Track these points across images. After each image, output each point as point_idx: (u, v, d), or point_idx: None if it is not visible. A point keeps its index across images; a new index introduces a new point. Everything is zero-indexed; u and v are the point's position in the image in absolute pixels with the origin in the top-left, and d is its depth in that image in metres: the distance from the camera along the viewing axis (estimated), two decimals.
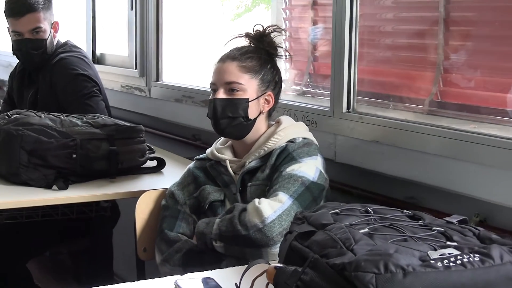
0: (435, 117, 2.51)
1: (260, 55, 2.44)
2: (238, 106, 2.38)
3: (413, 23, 2.71)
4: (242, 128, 2.41)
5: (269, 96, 2.44)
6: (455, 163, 2.27)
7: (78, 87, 3.46)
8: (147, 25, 4.03)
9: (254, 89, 2.40)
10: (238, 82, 2.38)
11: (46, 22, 3.52)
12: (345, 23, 2.61)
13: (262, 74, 2.42)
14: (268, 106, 2.45)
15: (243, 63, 2.40)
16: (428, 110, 2.58)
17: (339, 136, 2.68)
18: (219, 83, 2.41)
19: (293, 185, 2.25)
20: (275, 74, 2.47)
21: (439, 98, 2.57)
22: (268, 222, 2.16)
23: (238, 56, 2.42)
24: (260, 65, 2.42)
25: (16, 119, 2.84)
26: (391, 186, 2.53)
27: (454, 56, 2.51)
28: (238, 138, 2.46)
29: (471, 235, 1.59)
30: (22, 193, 2.70)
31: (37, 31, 3.50)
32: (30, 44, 3.51)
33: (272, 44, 2.49)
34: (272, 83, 2.45)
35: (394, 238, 1.54)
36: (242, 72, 2.39)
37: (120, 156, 2.89)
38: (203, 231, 2.29)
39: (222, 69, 2.42)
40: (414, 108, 2.63)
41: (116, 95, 4.37)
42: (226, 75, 2.39)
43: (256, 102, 2.41)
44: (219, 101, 2.39)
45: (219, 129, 2.43)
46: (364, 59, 2.79)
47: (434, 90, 2.57)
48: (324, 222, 1.63)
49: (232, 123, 2.40)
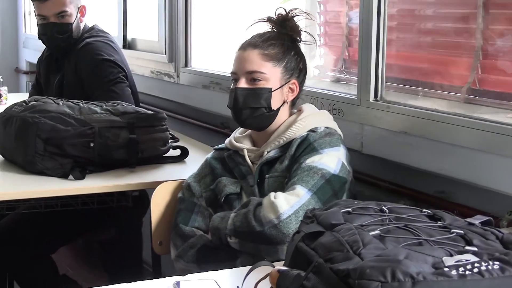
0: (473, 106, 2.38)
1: (283, 41, 2.30)
2: (260, 96, 2.26)
3: (450, 6, 2.57)
4: (265, 119, 2.29)
5: (293, 84, 2.31)
6: (488, 157, 2.14)
7: (103, 72, 3.37)
8: (176, 9, 3.94)
9: (277, 78, 2.28)
10: (260, 71, 2.26)
11: (72, 6, 3.44)
12: (372, 6, 2.46)
13: (285, 62, 2.29)
14: (293, 95, 2.33)
15: (265, 50, 2.27)
16: (465, 98, 2.44)
17: (366, 126, 2.55)
18: (240, 72, 2.29)
19: (312, 178, 2.12)
20: (299, 60, 2.33)
21: (477, 85, 2.43)
22: (284, 218, 2.04)
23: (260, 43, 2.29)
24: (283, 52, 2.29)
25: (33, 106, 2.76)
26: (420, 180, 2.40)
27: (494, 41, 2.37)
28: (260, 130, 2.34)
29: (493, 238, 1.45)
30: (37, 183, 2.63)
31: (62, 15, 3.42)
32: (56, 28, 3.43)
33: (296, 29, 2.35)
34: (296, 71, 2.32)
35: (408, 242, 1.41)
36: (265, 60, 2.26)
37: (140, 145, 2.79)
38: (218, 226, 2.19)
39: (243, 57, 2.29)
40: (450, 96, 2.48)
41: (146, 81, 4.29)
42: (248, 64, 2.27)
43: (279, 91, 2.28)
44: (241, 91, 2.27)
45: (240, 120, 2.31)
46: (396, 44, 2.67)
47: (472, 77, 2.42)
48: (333, 222, 1.51)
49: (254, 114, 2.27)
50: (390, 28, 2.59)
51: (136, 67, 4.31)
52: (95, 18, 3.65)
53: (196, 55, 3.98)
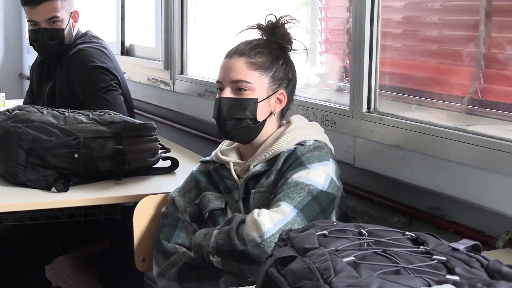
0: (475, 117, 2.29)
1: (272, 49, 2.19)
2: (245, 107, 2.15)
3: (450, 13, 2.48)
4: (250, 131, 2.18)
5: (281, 94, 2.20)
6: (485, 174, 2.04)
7: (95, 80, 3.28)
8: (172, 15, 3.85)
9: (264, 88, 2.17)
10: (246, 81, 2.15)
11: (64, 11, 3.35)
12: (365, 13, 2.36)
13: (273, 71, 2.17)
14: (280, 106, 2.21)
15: (252, 59, 2.16)
16: (467, 109, 2.34)
17: (358, 139, 2.45)
18: (225, 81, 2.18)
19: (298, 194, 2.01)
20: (288, 70, 2.22)
21: (479, 96, 2.33)
22: (267, 237, 1.93)
23: (247, 51, 2.18)
24: (271, 61, 2.17)
25: (16, 115, 2.67)
26: (415, 196, 2.31)
27: (497, 50, 2.27)
28: (245, 142, 2.23)
29: (478, 266, 1.35)
30: (20, 195, 2.55)
31: (53, 21, 3.33)
32: (47, 34, 3.34)
33: (286, 37, 2.23)
34: (284, 81, 2.20)
35: (384, 269, 1.31)
36: (251, 69, 2.15)
37: (127, 156, 2.70)
38: (200, 243, 2.08)
39: (228, 65, 2.18)
40: (451, 107, 2.38)
41: (143, 88, 4.22)
42: (233, 73, 2.16)
43: (266, 102, 2.17)
44: (225, 101, 2.16)
45: (224, 131, 2.20)
46: (393, 52, 2.58)
47: (474, 87, 2.32)
48: (306, 246, 1.41)
49: (238, 126, 2.17)
50: (388, 35, 2.49)
51: (133, 74, 4.24)
52: (93, 23, 3.57)
53: (192, 62, 3.90)
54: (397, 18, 2.64)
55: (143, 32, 4.51)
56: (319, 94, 2.98)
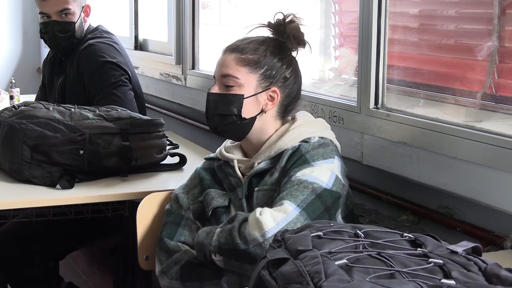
0: (488, 113, 2.23)
1: (267, 47, 2.15)
2: (230, 103, 2.12)
3: (463, 6, 2.43)
4: (237, 128, 2.15)
5: (273, 92, 2.14)
6: (493, 173, 2.00)
7: (105, 75, 3.25)
8: (183, 10, 3.81)
9: (251, 85, 2.12)
10: (233, 76, 2.12)
11: (76, 4, 3.33)
12: (372, 6, 2.31)
13: (264, 69, 2.13)
14: (273, 104, 2.15)
15: (242, 55, 2.13)
16: (481, 104, 2.29)
17: (366, 135, 2.41)
18: (217, 76, 2.17)
19: (302, 192, 1.96)
20: (285, 68, 2.16)
21: (493, 91, 2.27)
22: (269, 236, 1.88)
23: (240, 47, 2.15)
24: (263, 58, 2.13)
25: (21, 111, 2.65)
26: (423, 194, 2.27)
27: (511, 44, 2.21)
28: (237, 139, 2.22)
29: (476, 270, 1.30)
30: (26, 191, 2.53)
31: (65, 13, 3.32)
32: (57, 26, 3.33)
33: (289, 35, 2.17)
34: (278, 79, 2.15)
35: (378, 273, 1.27)
36: (240, 65, 2.12)
37: (134, 152, 2.67)
38: (203, 241, 2.05)
39: (221, 60, 2.17)
40: (465, 102, 2.33)
41: (155, 83, 4.20)
42: (223, 68, 2.14)
43: (253, 99, 2.13)
44: (212, 96, 2.15)
45: (211, 127, 2.20)
46: (404, 46, 2.53)
47: (488, 82, 2.26)
48: (299, 248, 1.37)
49: (223, 122, 2.14)
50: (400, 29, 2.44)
51: (146, 69, 4.21)
52: (106, 18, 3.54)
53: (204, 57, 3.86)
54: (414, 12, 2.59)
55: (156, 27, 4.48)
56: (333, 89, 2.93)
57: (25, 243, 2.96)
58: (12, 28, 7.15)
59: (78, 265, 4.49)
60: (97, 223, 3.05)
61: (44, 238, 3.01)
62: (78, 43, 3.38)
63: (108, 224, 3.14)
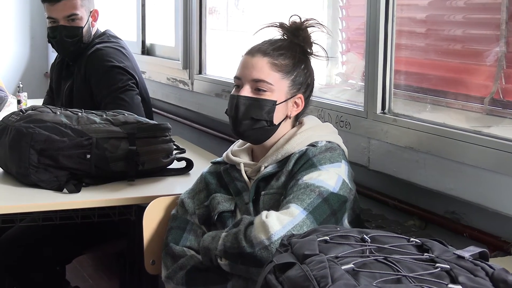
0: (496, 118, 2.23)
1: (295, 52, 2.14)
2: (263, 108, 2.10)
3: (471, 11, 2.42)
4: (264, 133, 2.14)
5: (299, 99, 2.15)
6: (501, 179, 1.99)
7: (112, 80, 3.25)
8: (190, 15, 3.82)
9: (283, 91, 2.12)
10: (267, 81, 2.10)
11: (84, 9, 3.34)
12: (379, 11, 2.31)
13: (294, 75, 2.13)
14: (297, 110, 2.17)
15: (276, 60, 2.11)
16: (488, 109, 2.28)
17: (373, 140, 2.40)
18: (245, 79, 2.13)
19: (308, 196, 1.96)
20: (308, 75, 2.17)
21: (501, 96, 2.26)
22: (276, 239, 1.88)
23: (271, 51, 2.12)
24: (293, 64, 2.13)
25: (29, 115, 2.65)
26: (430, 199, 2.26)
27: None
28: (257, 143, 2.19)
29: (483, 275, 1.30)
30: (33, 195, 2.53)
31: (73, 18, 3.32)
32: (65, 31, 3.33)
33: (308, 40, 2.17)
34: (304, 85, 2.16)
35: (384, 277, 1.27)
36: (273, 70, 2.10)
37: (141, 157, 2.67)
38: (208, 246, 2.04)
39: (250, 63, 2.13)
40: (472, 108, 2.32)
41: (162, 88, 4.21)
42: (255, 71, 2.11)
43: (283, 105, 2.13)
44: (243, 100, 2.11)
45: (238, 131, 2.16)
46: (411, 51, 2.53)
47: (495, 88, 2.25)
48: (306, 253, 1.37)
49: (253, 126, 2.12)
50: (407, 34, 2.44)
51: (153, 74, 4.22)
52: (113, 23, 3.55)
53: (211, 61, 3.86)
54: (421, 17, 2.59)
55: (163, 31, 4.49)
56: (340, 94, 2.93)
57: (32, 247, 2.96)
58: (20, 32, 7.16)
59: (84, 269, 4.49)
60: (104, 228, 3.05)
61: (51, 243, 3.01)
62: (86, 47, 3.38)
63: (114, 229, 3.14)
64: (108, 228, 3.12)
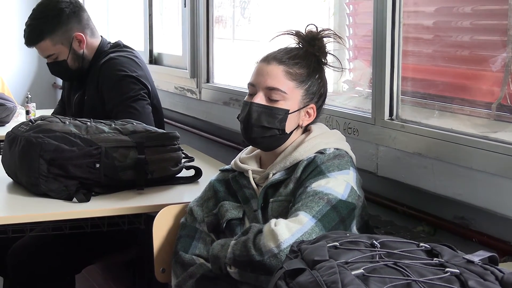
0: (503, 124, 2.22)
1: (310, 62, 2.14)
2: (276, 117, 2.11)
3: (478, 18, 2.42)
4: (275, 141, 2.15)
5: (311, 109, 2.17)
6: (509, 184, 1.99)
7: (124, 89, 3.25)
8: (197, 23, 3.84)
9: (296, 100, 2.13)
10: (281, 90, 2.10)
11: (59, 45, 3.34)
12: (386, 18, 2.32)
13: (308, 85, 2.14)
14: (308, 120, 2.18)
15: (291, 69, 2.12)
16: (495, 115, 2.28)
17: (381, 147, 2.41)
18: (259, 86, 2.13)
19: (317, 203, 1.96)
20: (321, 85, 2.18)
21: (508, 101, 2.26)
22: (285, 247, 1.88)
23: (286, 59, 2.13)
24: (308, 74, 2.13)
25: (38, 125, 2.66)
26: (439, 204, 2.26)
27: None
28: (267, 150, 2.20)
29: (492, 279, 1.31)
30: (42, 205, 2.53)
31: (51, 58, 3.38)
32: (54, 67, 3.44)
33: (323, 50, 2.18)
34: (317, 95, 2.17)
35: (394, 282, 1.27)
36: (288, 79, 2.11)
37: (150, 166, 2.67)
38: (218, 254, 2.04)
39: (265, 70, 2.13)
40: (480, 113, 2.33)
41: (170, 97, 4.22)
42: (270, 79, 2.12)
43: (296, 114, 2.14)
44: (256, 107, 2.12)
45: (250, 137, 2.17)
46: (418, 57, 2.53)
47: (503, 93, 2.25)
48: (316, 259, 1.38)
49: (265, 134, 2.13)
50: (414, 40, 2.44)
51: (161, 83, 4.23)
52: (121, 33, 3.56)
53: (218, 70, 3.87)
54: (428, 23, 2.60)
55: (171, 41, 4.51)
56: (348, 101, 2.93)
57: (42, 257, 2.97)
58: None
59: (94, 279, 4.49)
60: (113, 237, 3.06)
61: (61, 252, 3.01)
62: (93, 63, 3.39)
63: (124, 238, 3.15)
64: (118, 237, 3.13)
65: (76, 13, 3.37)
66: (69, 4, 3.36)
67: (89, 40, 3.41)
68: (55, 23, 3.32)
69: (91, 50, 3.41)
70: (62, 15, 3.32)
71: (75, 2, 3.40)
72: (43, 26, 3.31)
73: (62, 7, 3.33)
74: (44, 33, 3.31)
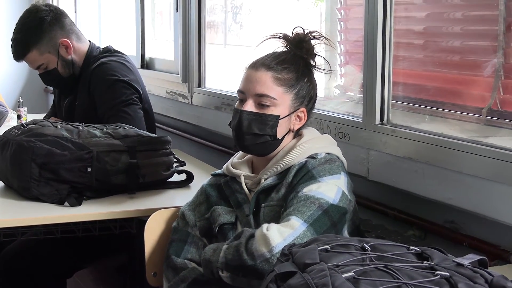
0: (493, 128, 2.25)
1: (298, 66, 2.15)
2: (267, 123, 2.11)
3: (468, 23, 2.44)
4: (267, 147, 2.15)
5: (302, 112, 2.17)
6: (499, 188, 2.00)
7: (116, 93, 3.25)
8: (189, 28, 3.84)
9: (286, 105, 2.13)
10: (270, 96, 2.11)
11: (46, 54, 3.33)
12: (377, 24, 2.33)
13: (298, 89, 2.14)
14: (300, 124, 2.18)
15: (279, 74, 2.12)
16: (486, 120, 2.30)
17: (372, 151, 2.42)
18: (248, 93, 2.13)
19: (308, 208, 1.97)
20: (311, 88, 2.18)
21: (498, 107, 2.28)
22: (276, 252, 1.89)
23: (274, 65, 2.13)
24: (296, 78, 2.13)
25: (30, 129, 2.66)
26: (429, 209, 2.27)
27: None
28: (260, 156, 2.20)
29: (482, 282, 1.31)
30: (34, 209, 2.53)
31: (41, 68, 3.38)
32: (46, 77, 3.42)
33: (311, 52, 2.18)
34: (306, 99, 2.17)
35: (385, 285, 1.28)
36: (277, 84, 2.11)
37: (141, 170, 2.68)
38: (210, 258, 2.05)
39: (254, 77, 2.13)
40: (470, 118, 2.34)
41: (162, 102, 4.22)
42: (258, 86, 2.12)
43: (287, 119, 2.14)
44: (247, 115, 2.12)
45: (242, 145, 2.17)
46: (409, 62, 2.55)
47: (493, 98, 2.27)
48: (307, 262, 1.38)
49: (257, 141, 2.13)
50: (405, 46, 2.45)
51: (153, 87, 4.23)
52: (113, 38, 3.55)
53: (210, 75, 3.88)
54: (419, 29, 2.61)
55: (163, 45, 4.51)
56: (339, 106, 2.95)
57: (33, 261, 2.97)
58: None
59: (85, 283, 4.48)
60: (104, 241, 3.06)
61: (52, 256, 3.01)
62: (81, 70, 3.39)
63: (115, 242, 3.15)
64: (109, 242, 3.13)
65: (57, 19, 3.36)
66: (49, 12, 3.35)
67: (76, 45, 3.40)
68: (38, 32, 3.31)
69: (80, 56, 3.41)
70: (43, 23, 3.32)
71: (55, 9, 3.40)
72: (27, 38, 3.30)
73: (42, 15, 3.32)
74: (29, 45, 3.30)
